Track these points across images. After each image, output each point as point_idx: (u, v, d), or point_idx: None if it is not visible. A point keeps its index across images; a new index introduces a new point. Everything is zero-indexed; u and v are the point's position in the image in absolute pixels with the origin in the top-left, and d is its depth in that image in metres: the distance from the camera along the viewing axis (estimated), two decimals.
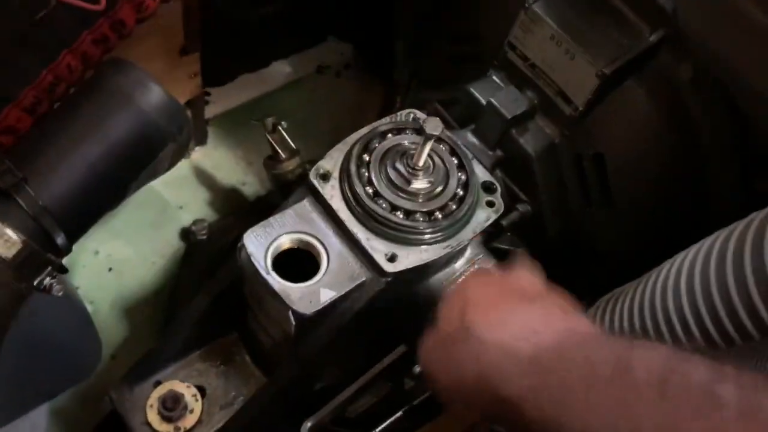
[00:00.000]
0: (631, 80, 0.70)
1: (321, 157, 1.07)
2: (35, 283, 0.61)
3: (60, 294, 0.62)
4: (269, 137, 0.95)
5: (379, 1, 1.22)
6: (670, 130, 0.70)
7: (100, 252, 1.04)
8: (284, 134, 0.95)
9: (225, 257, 1.03)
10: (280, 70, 1.30)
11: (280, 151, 0.94)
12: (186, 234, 1.07)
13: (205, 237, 1.04)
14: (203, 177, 1.14)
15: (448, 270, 0.73)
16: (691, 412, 0.38)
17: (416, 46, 1.12)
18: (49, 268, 0.61)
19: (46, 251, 0.59)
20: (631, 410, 0.40)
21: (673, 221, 0.74)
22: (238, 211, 1.11)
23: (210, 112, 1.18)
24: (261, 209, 1.11)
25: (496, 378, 0.48)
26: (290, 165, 0.95)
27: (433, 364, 0.56)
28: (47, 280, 0.61)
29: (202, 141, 1.16)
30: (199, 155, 1.16)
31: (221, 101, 1.20)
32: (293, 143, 0.98)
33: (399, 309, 0.75)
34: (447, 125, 0.74)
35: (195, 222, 1.05)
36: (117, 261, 1.04)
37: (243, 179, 1.16)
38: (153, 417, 0.76)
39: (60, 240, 0.60)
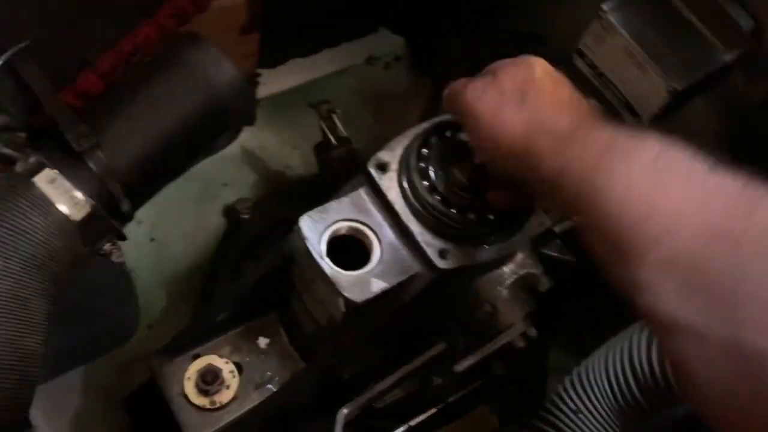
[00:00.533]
0: (700, 98, 0.70)
1: (364, 146, 1.08)
2: (96, 247, 0.62)
3: (119, 261, 0.63)
4: (322, 123, 0.95)
5: None
6: (734, 152, 0.69)
7: (143, 222, 1.06)
8: (337, 122, 0.95)
9: (265, 237, 1.04)
10: (331, 57, 1.30)
11: (331, 137, 0.95)
12: (228, 211, 1.08)
13: (247, 216, 1.05)
14: (249, 157, 1.15)
15: (496, 272, 0.73)
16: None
17: (471, 44, 1.12)
18: (111, 234, 0.62)
19: (111, 217, 0.60)
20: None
21: None
22: (281, 193, 1.12)
23: (260, 93, 1.19)
24: (303, 193, 1.13)
25: (538, 148, 0.53)
26: (340, 152, 0.96)
27: (482, 106, 0.59)
28: (107, 246, 0.62)
29: (250, 121, 1.16)
30: (246, 135, 1.16)
31: (271, 83, 1.21)
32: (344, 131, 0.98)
33: (442, 306, 0.75)
34: None
35: (239, 200, 1.06)
36: (159, 232, 1.06)
37: (287, 162, 1.17)
38: (190, 389, 0.77)
39: (125, 207, 0.61)
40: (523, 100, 0.57)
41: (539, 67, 0.61)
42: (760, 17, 0.64)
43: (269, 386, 0.79)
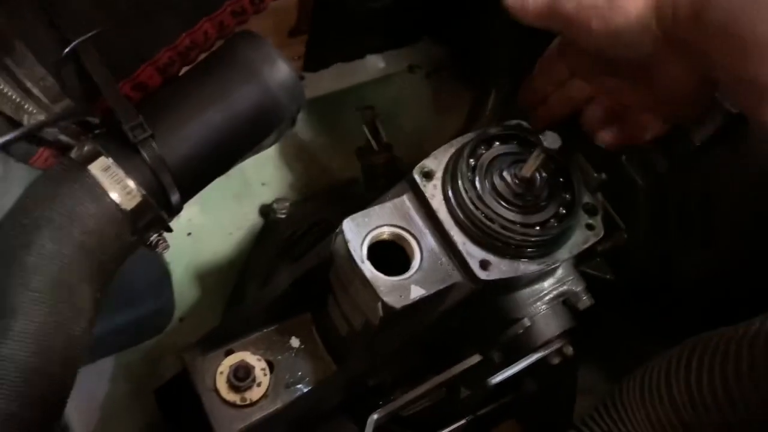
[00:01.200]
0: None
1: (402, 153, 1.08)
2: (144, 237, 0.62)
3: (165, 252, 0.64)
4: (366, 128, 0.95)
5: (481, 8, 1.22)
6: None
7: (181, 216, 1.06)
8: (380, 128, 0.96)
9: (300, 238, 1.04)
10: (374, 64, 1.30)
11: (374, 143, 0.95)
12: (265, 210, 1.08)
13: (284, 216, 1.06)
14: (288, 158, 1.16)
15: (536, 287, 0.73)
16: None
17: (514, 57, 1.11)
18: (159, 225, 0.63)
19: (160, 208, 0.61)
20: None
21: None
22: (319, 196, 1.12)
23: None
24: (341, 197, 1.13)
25: None
26: (382, 158, 0.96)
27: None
28: (154, 237, 0.63)
29: (292, 123, 1.17)
30: (286, 136, 1.17)
31: (314, 86, 1.22)
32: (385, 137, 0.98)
33: (479, 317, 0.75)
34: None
35: (276, 200, 1.07)
36: (196, 226, 1.07)
37: (326, 165, 1.17)
38: (221, 384, 0.77)
39: (175, 199, 0.62)
40: None
41: None
42: None
43: (300, 386, 0.79)
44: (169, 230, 0.64)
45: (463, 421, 0.84)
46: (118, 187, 0.58)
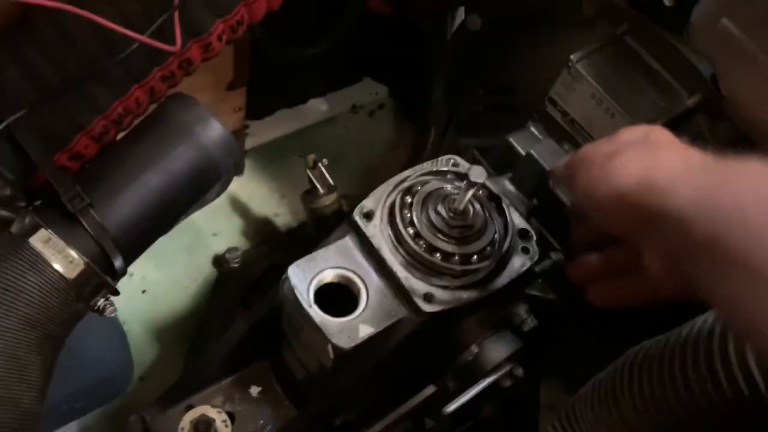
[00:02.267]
0: None
1: (351, 192, 1.11)
2: (90, 303, 0.63)
3: (112, 315, 0.65)
4: (309, 173, 0.98)
5: (414, 46, 1.26)
6: None
7: (134, 274, 1.07)
8: (324, 171, 0.98)
9: (256, 285, 1.06)
10: (317, 107, 1.34)
11: (318, 186, 0.98)
12: (219, 261, 1.10)
13: (237, 265, 1.07)
14: (238, 206, 1.18)
15: (481, 313, 0.75)
16: None
17: (452, 91, 1.16)
18: (105, 290, 0.64)
19: (104, 273, 0.62)
20: None
21: None
22: (270, 242, 1.14)
23: (248, 143, 1.22)
24: (292, 241, 1.15)
25: (661, 184, 0.47)
26: (327, 200, 0.98)
27: (595, 153, 0.55)
28: (101, 302, 0.64)
29: (239, 172, 1.19)
30: (235, 185, 1.19)
31: (259, 134, 1.25)
32: (330, 179, 1.01)
33: (431, 349, 0.77)
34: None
35: (228, 250, 1.08)
36: (150, 283, 1.07)
37: (276, 210, 1.20)
38: None
39: (118, 263, 0.63)
40: (643, 142, 0.54)
41: (660, 128, 0.58)
42: (715, 64, 0.68)
43: None
44: (116, 293, 0.65)
45: None
46: (60, 257, 0.59)
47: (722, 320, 0.61)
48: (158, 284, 1.08)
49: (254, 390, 0.83)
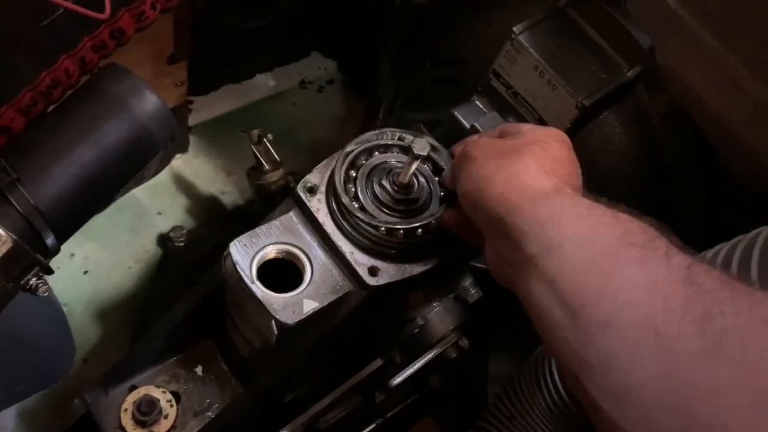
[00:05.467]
0: (608, 112, 0.74)
1: (301, 169, 1.09)
2: (22, 282, 0.61)
3: (45, 295, 0.62)
4: (254, 148, 0.96)
5: (363, 20, 1.25)
6: (642, 162, 0.74)
7: (76, 254, 1.04)
8: (269, 146, 0.97)
9: (202, 264, 1.04)
10: (264, 82, 1.31)
11: (264, 162, 0.96)
12: (163, 240, 1.07)
13: (182, 244, 1.05)
14: (183, 184, 1.15)
15: (426, 286, 0.75)
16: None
17: (400, 66, 1.15)
18: (37, 268, 0.61)
19: (35, 251, 0.60)
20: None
21: None
22: (216, 220, 1.12)
23: (192, 120, 1.19)
24: (239, 218, 1.13)
25: (515, 201, 0.54)
26: (273, 176, 0.97)
27: (479, 150, 0.61)
28: (33, 281, 0.62)
29: (183, 149, 1.16)
30: (179, 162, 1.16)
31: (204, 110, 1.22)
32: (276, 155, 0.99)
33: (378, 323, 0.77)
34: (431, 146, 0.76)
35: (173, 228, 1.06)
36: (93, 264, 1.04)
37: (222, 188, 1.17)
38: (127, 421, 0.76)
39: (50, 241, 0.60)
40: (520, 154, 0.58)
41: (557, 137, 0.61)
42: (652, 35, 0.69)
43: (209, 414, 0.79)
44: (50, 272, 0.63)
45: (372, 426, 0.86)
46: None
47: None
48: (101, 265, 1.05)
49: (199, 369, 0.82)
